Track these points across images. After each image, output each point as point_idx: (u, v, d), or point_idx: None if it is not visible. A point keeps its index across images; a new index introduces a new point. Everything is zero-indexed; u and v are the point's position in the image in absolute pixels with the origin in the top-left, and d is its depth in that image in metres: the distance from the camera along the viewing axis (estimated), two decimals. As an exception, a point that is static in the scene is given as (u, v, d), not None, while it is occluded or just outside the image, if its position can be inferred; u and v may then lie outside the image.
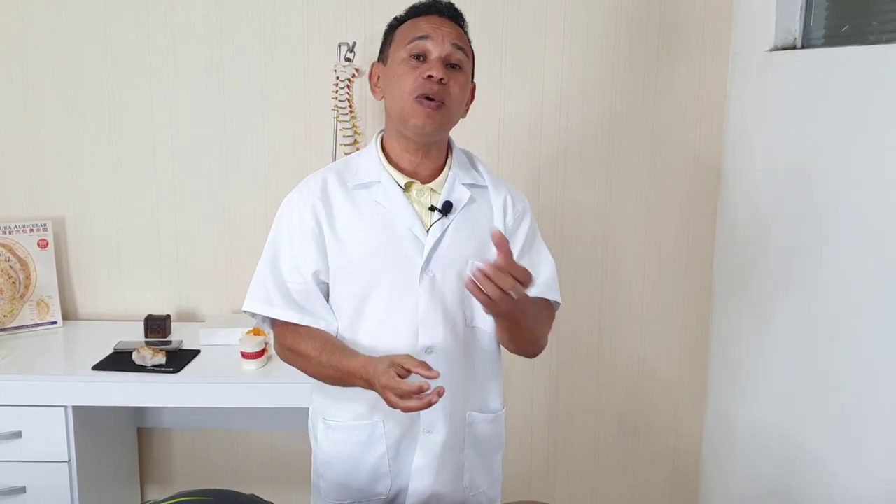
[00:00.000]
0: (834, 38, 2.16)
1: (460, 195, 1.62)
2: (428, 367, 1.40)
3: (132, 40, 2.54)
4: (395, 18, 1.66)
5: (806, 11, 2.24)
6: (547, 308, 1.70)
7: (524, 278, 1.39)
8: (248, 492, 1.49)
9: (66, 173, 2.61)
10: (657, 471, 2.81)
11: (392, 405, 1.42)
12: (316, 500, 1.76)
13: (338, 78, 2.38)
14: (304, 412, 1.94)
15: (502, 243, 1.38)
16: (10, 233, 2.51)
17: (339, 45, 2.40)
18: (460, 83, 1.57)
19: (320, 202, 1.60)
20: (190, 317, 2.68)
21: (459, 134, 1.71)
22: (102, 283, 2.67)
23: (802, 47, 2.25)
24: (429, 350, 1.59)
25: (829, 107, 1.98)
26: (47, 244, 2.56)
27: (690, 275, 2.69)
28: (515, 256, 1.61)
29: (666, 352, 2.73)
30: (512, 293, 1.37)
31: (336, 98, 2.38)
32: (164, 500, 1.36)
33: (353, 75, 2.37)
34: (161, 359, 2.25)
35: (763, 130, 2.34)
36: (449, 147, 1.68)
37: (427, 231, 1.59)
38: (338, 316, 1.62)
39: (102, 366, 2.25)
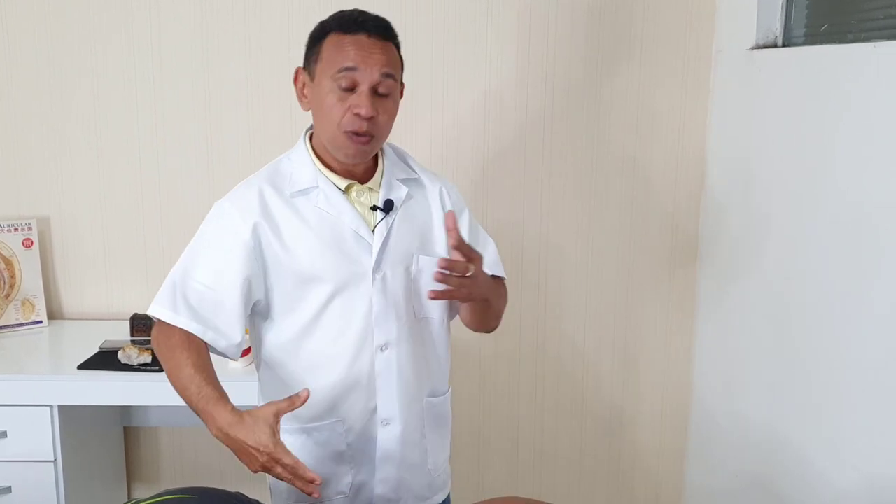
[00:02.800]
0: (814, 36, 2.18)
1: (398, 192, 1.64)
2: (297, 399, 1.41)
3: (117, 39, 2.53)
4: (321, 25, 1.58)
5: (787, 10, 2.26)
6: (501, 284, 1.75)
7: (475, 256, 1.49)
8: (234, 490, 1.49)
9: (51, 172, 2.60)
10: (643, 467, 2.83)
11: (265, 470, 1.39)
12: (273, 487, 1.75)
13: (323, 76, 2.38)
14: (290, 410, 1.95)
15: (454, 225, 1.46)
16: (-6, 232, 2.51)
17: (324, 44, 2.40)
18: (389, 110, 1.56)
19: (263, 220, 1.56)
20: (176, 315, 2.67)
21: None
22: (88, 282, 2.66)
23: (783, 45, 2.27)
24: (384, 347, 1.61)
25: (809, 104, 2.00)
26: (32, 243, 2.56)
27: (675, 273, 2.70)
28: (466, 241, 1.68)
29: (651, 349, 2.75)
30: (469, 274, 1.46)
31: (321, 96, 2.38)
32: (149, 499, 1.36)
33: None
34: (147, 357, 2.25)
35: (746, 128, 2.36)
36: None
37: (373, 231, 1.60)
38: (289, 324, 1.60)
39: (88, 365, 2.25)
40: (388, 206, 1.61)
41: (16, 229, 2.53)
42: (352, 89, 1.51)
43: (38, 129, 2.58)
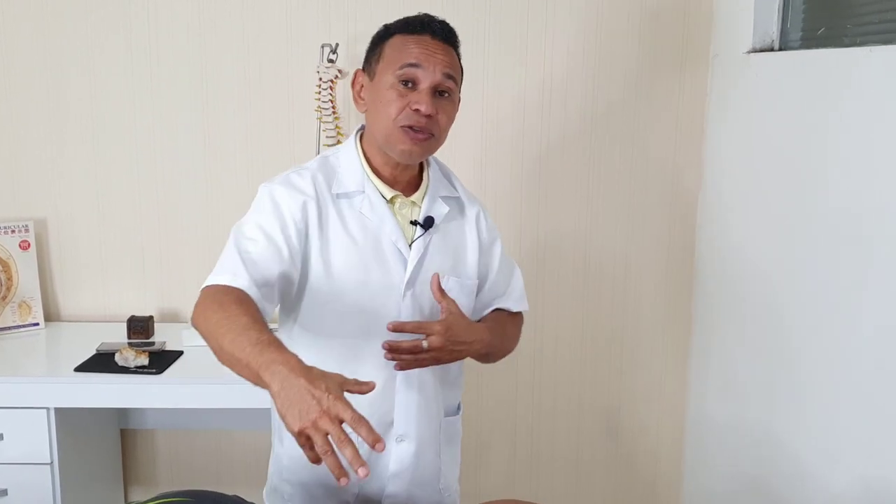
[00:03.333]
0: (810, 40, 2.19)
1: (440, 209, 1.62)
2: (365, 386, 1.24)
3: (114, 41, 2.53)
4: (385, 27, 1.59)
5: (783, 14, 2.27)
6: (514, 320, 1.77)
7: (434, 329, 1.51)
8: (231, 493, 1.50)
9: (48, 174, 2.60)
10: (640, 469, 2.83)
11: (314, 427, 1.13)
12: (269, 493, 1.72)
13: (321, 79, 2.38)
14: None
15: (437, 288, 1.54)
16: (-9, 234, 2.51)
17: (322, 47, 2.40)
18: (448, 112, 1.55)
19: (314, 203, 1.52)
20: (173, 318, 2.68)
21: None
22: (85, 284, 2.66)
23: (780, 49, 2.28)
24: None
25: (806, 108, 2.01)
26: (29, 245, 2.55)
27: (671, 276, 2.71)
28: (494, 272, 1.71)
29: (647, 352, 2.76)
30: (425, 347, 1.49)
31: (319, 99, 2.39)
32: (146, 502, 1.36)
33: (336, 76, 2.38)
34: (144, 360, 2.25)
35: (743, 131, 2.37)
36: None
37: (410, 246, 1.58)
38: (312, 327, 1.57)
39: (85, 367, 2.24)
40: (427, 223, 1.59)
41: (13, 231, 2.53)
42: (413, 87, 1.51)
43: (34, 130, 2.58)
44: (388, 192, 1.59)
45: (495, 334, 1.66)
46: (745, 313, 2.34)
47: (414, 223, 1.59)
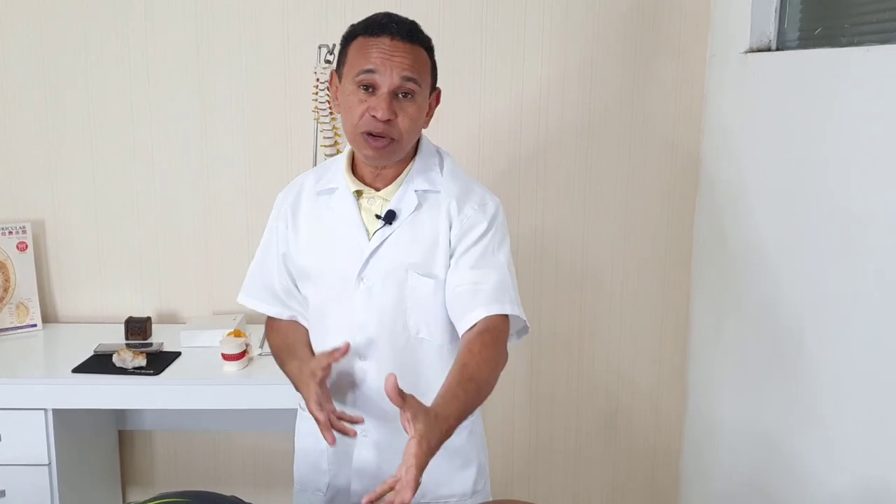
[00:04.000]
0: (808, 40, 2.19)
1: (407, 203, 1.59)
2: (336, 352, 1.53)
3: (111, 42, 2.53)
4: (350, 28, 1.58)
5: (780, 14, 2.27)
6: (484, 346, 1.51)
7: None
8: (229, 493, 1.49)
9: (46, 175, 2.60)
10: (638, 468, 2.83)
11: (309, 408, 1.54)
12: (298, 498, 1.79)
13: (318, 80, 2.38)
14: (285, 413, 1.94)
15: (391, 390, 1.27)
16: (-12, 235, 2.50)
17: (319, 47, 2.40)
18: (410, 114, 1.53)
19: (289, 208, 1.68)
20: (171, 319, 2.68)
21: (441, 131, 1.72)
22: (82, 285, 2.66)
23: (777, 49, 2.28)
24: (362, 357, 1.61)
25: (803, 107, 2.01)
26: (27, 247, 2.55)
27: (669, 274, 2.71)
28: (451, 267, 1.57)
29: (646, 350, 2.76)
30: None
31: (316, 100, 2.38)
32: (144, 502, 1.36)
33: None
34: (142, 361, 2.25)
35: (740, 131, 2.37)
36: (418, 148, 1.64)
37: (370, 239, 1.59)
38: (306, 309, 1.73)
39: (83, 368, 2.25)
40: (388, 217, 1.58)
41: (10, 232, 2.53)
42: (372, 92, 1.51)
43: (32, 132, 2.58)
44: (354, 186, 1.62)
45: (466, 402, 1.43)
46: (743, 312, 2.34)
47: (377, 217, 1.60)
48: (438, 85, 1.62)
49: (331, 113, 2.39)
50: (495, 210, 1.63)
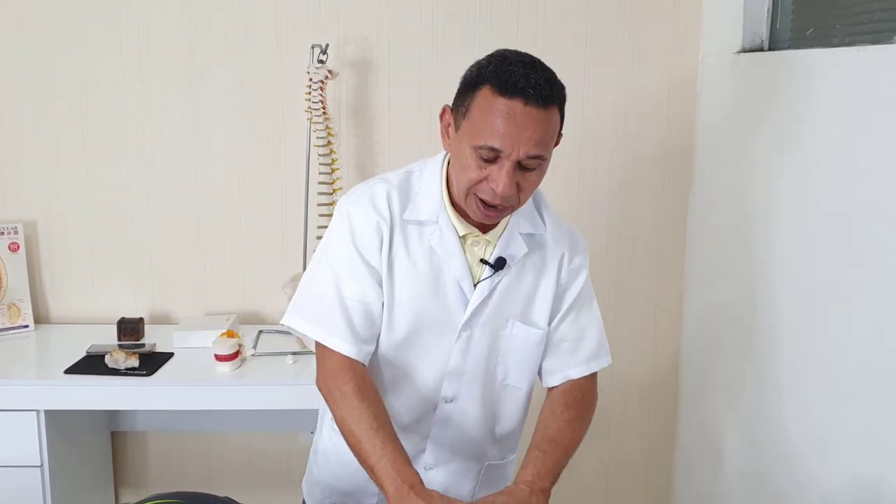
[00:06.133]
0: (800, 40, 2.19)
1: (515, 250, 1.50)
2: None
3: (104, 42, 2.52)
4: (478, 69, 1.39)
5: (772, 14, 2.28)
6: (577, 410, 1.56)
7: None
8: (223, 494, 1.49)
9: (38, 176, 2.59)
10: (631, 469, 2.83)
11: None
12: (307, 481, 1.74)
13: (311, 79, 2.38)
14: (278, 413, 1.94)
15: None
16: (-20, 236, 2.49)
17: (313, 47, 2.40)
18: (532, 182, 1.40)
19: (386, 224, 1.46)
20: (163, 319, 2.67)
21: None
22: (75, 286, 2.65)
23: (770, 49, 2.29)
24: (449, 399, 1.55)
25: (795, 107, 2.01)
26: (18, 247, 2.54)
27: (662, 273, 2.71)
28: (559, 317, 1.57)
29: (638, 351, 2.76)
30: None
31: (309, 100, 2.38)
32: (137, 503, 1.36)
33: (327, 77, 2.38)
34: (134, 362, 2.24)
35: (733, 131, 2.37)
36: None
37: (475, 286, 1.49)
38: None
39: (75, 369, 2.24)
40: (498, 265, 1.48)
41: (2, 233, 2.52)
42: (494, 159, 1.35)
43: (24, 132, 2.57)
44: (462, 229, 1.48)
45: (557, 472, 1.48)
46: (736, 311, 2.34)
47: (483, 262, 1.49)
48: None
49: (324, 113, 2.39)
50: (588, 253, 1.61)
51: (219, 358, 2.25)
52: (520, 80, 1.33)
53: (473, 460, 1.62)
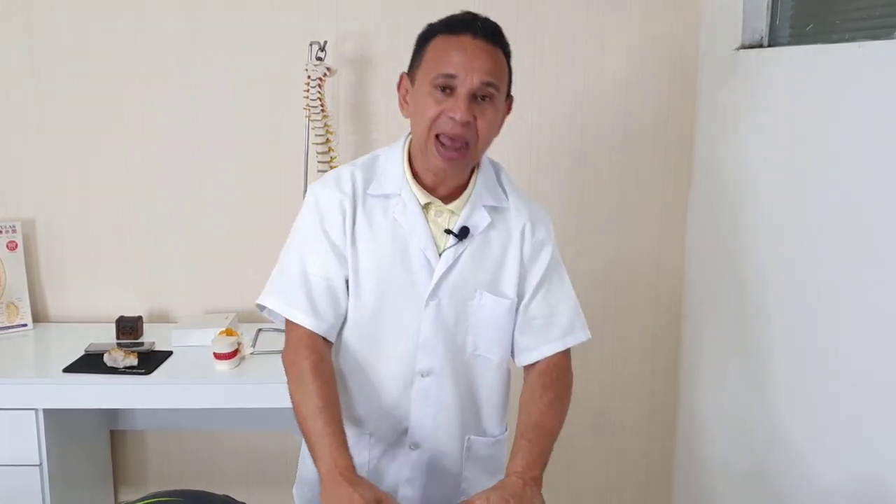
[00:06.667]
0: (799, 36, 2.19)
1: (479, 220, 1.55)
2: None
3: (102, 41, 2.51)
4: (429, 27, 1.52)
5: (772, 10, 2.27)
6: (556, 391, 1.61)
7: None
8: (222, 493, 1.49)
9: (36, 175, 2.58)
10: (631, 464, 2.83)
11: None
12: (300, 487, 1.75)
13: (309, 77, 2.37)
14: (277, 412, 1.94)
15: None
16: (-22, 235, 2.49)
17: (311, 44, 2.39)
18: (489, 117, 1.47)
19: (349, 201, 1.53)
20: (162, 318, 2.66)
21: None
22: (73, 284, 2.64)
23: (769, 45, 2.28)
24: (425, 374, 1.57)
25: (795, 104, 2.01)
26: (17, 246, 2.54)
27: (662, 269, 2.71)
28: (529, 294, 1.60)
29: (638, 345, 2.75)
30: None
31: (307, 97, 2.38)
32: (136, 502, 1.36)
33: (325, 74, 2.37)
34: (133, 360, 2.24)
35: (733, 128, 2.37)
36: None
37: (439, 255, 1.53)
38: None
39: (74, 368, 2.23)
40: (462, 234, 1.53)
41: (0, 232, 2.51)
42: (450, 94, 1.45)
43: (22, 131, 2.56)
44: (424, 198, 1.54)
45: (545, 459, 1.53)
46: (736, 309, 2.34)
47: (448, 232, 1.53)
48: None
49: (322, 111, 2.38)
50: (552, 227, 1.65)
51: (218, 356, 2.24)
52: (466, 16, 1.48)
53: (457, 438, 1.64)
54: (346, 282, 1.54)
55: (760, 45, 2.29)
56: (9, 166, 2.58)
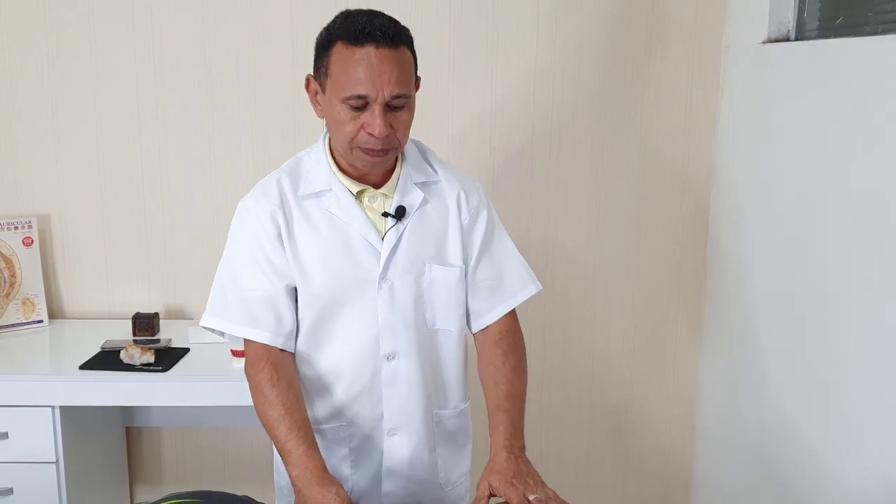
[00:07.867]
0: (828, 29, 2.15)
1: (413, 198, 1.58)
2: None
3: (118, 37, 2.50)
4: (327, 32, 1.49)
5: (800, 3, 2.23)
6: (506, 342, 1.66)
7: None
8: (239, 492, 1.47)
9: (52, 170, 2.57)
10: (650, 467, 2.80)
11: None
12: (277, 486, 1.75)
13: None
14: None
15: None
16: (-6, 230, 2.48)
17: (329, 39, 2.37)
18: (404, 121, 1.49)
19: (279, 209, 1.55)
20: (179, 314, 2.65)
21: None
22: (89, 280, 2.64)
23: (796, 39, 2.24)
24: (391, 357, 1.59)
25: (823, 99, 1.97)
26: (32, 242, 2.53)
27: (682, 267, 2.68)
28: (474, 259, 1.64)
29: (658, 345, 2.73)
30: None
31: (325, 92, 2.36)
32: (154, 502, 1.35)
33: (343, 69, 2.35)
34: (150, 357, 2.22)
35: (756, 124, 2.33)
36: None
37: (382, 238, 1.56)
38: (300, 320, 1.59)
39: (90, 365, 2.22)
40: (399, 213, 1.56)
41: (16, 227, 2.50)
42: (364, 107, 1.45)
43: (38, 126, 2.55)
44: (355, 187, 1.56)
45: (522, 425, 1.60)
46: (758, 308, 2.30)
47: (385, 215, 1.57)
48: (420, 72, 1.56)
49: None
50: (483, 192, 1.68)
51: (235, 353, 2.23)
52: (365, 26, 1.43)
53: (426, 414, 1.65)
54: (290, 289, 1.56)
55: (787, 39, 2.25)
56: (25, 161, 2.57)
